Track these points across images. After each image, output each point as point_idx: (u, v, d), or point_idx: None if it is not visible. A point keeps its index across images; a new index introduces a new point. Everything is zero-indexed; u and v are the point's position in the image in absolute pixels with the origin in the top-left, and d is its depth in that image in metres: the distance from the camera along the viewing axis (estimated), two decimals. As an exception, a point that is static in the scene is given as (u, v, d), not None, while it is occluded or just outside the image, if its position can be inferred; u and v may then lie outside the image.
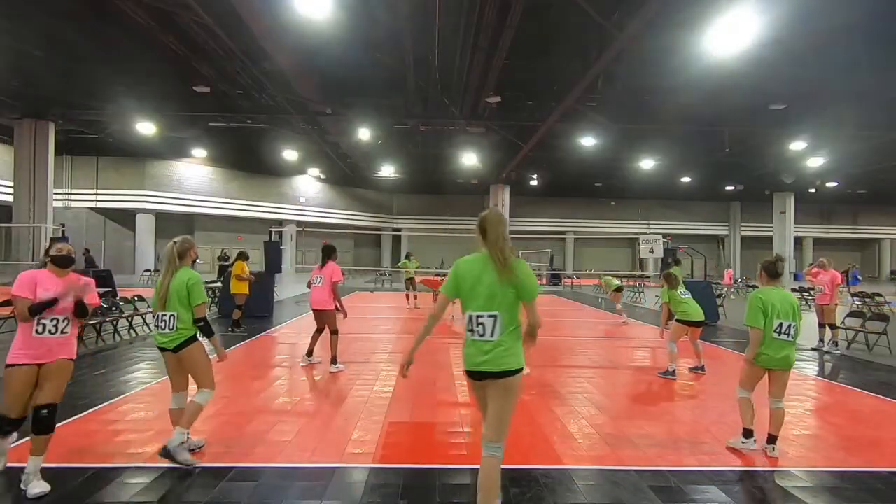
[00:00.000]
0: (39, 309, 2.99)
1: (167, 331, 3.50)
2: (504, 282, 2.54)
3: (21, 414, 3.06)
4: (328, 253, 6.45)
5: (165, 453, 3.34)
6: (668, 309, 6.49)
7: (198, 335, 3.59)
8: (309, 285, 6.55)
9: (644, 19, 9.54)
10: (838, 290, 8.53)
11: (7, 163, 21.48)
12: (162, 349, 3.56)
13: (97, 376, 5.80)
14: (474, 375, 2.62)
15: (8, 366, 3.00)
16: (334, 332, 6.38)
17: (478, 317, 2.57)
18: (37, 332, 3.02)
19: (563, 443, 3.95)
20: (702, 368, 6.44)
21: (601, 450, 3.84)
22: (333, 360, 6.31)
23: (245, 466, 3.44)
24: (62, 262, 3.19)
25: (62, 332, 3.10)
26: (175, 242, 3.64)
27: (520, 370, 2.59)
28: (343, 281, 6.44)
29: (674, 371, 6.16)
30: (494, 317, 2.55)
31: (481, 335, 2.56)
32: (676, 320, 6.32)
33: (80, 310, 3.16)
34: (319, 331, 6.52)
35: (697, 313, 6.22)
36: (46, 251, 3.25)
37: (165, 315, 3.50)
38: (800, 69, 12.83)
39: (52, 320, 3.05)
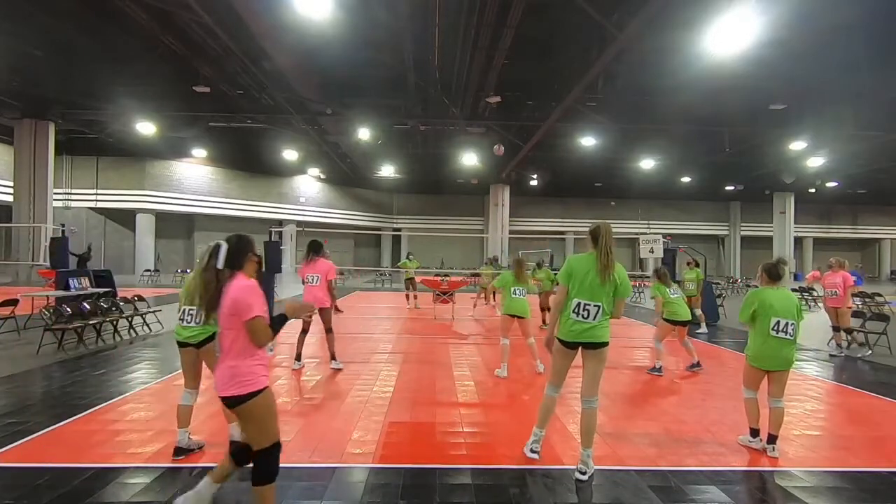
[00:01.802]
0: (281, 327, 2.61)
1: (192, 324, 3.54)
2: (607, 280, 3.27)
3: None
4: (317, 248, 6.27)
5: (178, 452, 3.56)
6: (661, 301, 6.63)
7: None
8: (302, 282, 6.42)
9: (644, 19, 9.54)
10: (849, 292, 8.02)
11: (7, 163, 21.48)
12: (183, 344, 3.59)
13: (97, 376, 5.79)
14: (569, 345, 3.40)
15: (262, 390, 2.53)
16: (329, 331, 6.34)
17: (584, 304, 3.31)
18: (269, 350, 2.67)
19: (563, 443, 3.95)
20: (698, 364, 6.56)
21: (601, 450, 3.83)
22: (333, 358, 6.34)
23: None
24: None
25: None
26: (210, 246, 3.68)
27: (608, 343, 3.36)
28: (336, 278, 6.38)
29: (660, 368, 6.36)
30: (598, 306, 3.30)
31: (585, 318, 3.31)
32: (664, 319, 6.49)
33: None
34: (305, 332, 6.41)
35: (685, 313, 6.43)
36: (238, 254, 2.61)
37: (193, 309, 3.55)
38: (800, 69, 12.84)
39: None
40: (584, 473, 3.30)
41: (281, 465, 3.44)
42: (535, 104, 17.21)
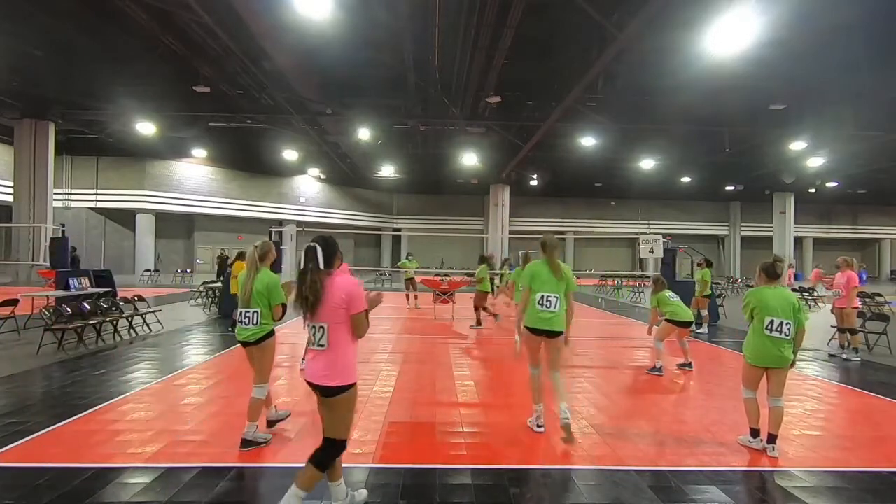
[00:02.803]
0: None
1: (251, 326, 3.72)
2: (559, 278, 4.09)
3: None
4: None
5: (246, 444, 3.68)
6: (656, 313, 6.68)
7: (275, 331, 3.84)
8: None
9: (644, 19, 9.54)
10: (853, 293, 7.70)
11: (7, 163, 21.48)
12: (245, 343, 3.78)
13: (97, 376, 5.79)
14: (536, 332, 4.07)
15: (355, 383, 2.69)
16: None
17: (547, 296, 4.04)
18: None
19: (564, 443, 3.95)
20: (689, 365, 6.62)
21: (601, 450, 3.84)
22: None
23: (245, 466, 3.45)
24: None
25: None
26: (256, 247, 3.89)
27: (562, 332, 4.06)
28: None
29: (660, 368, 6.38)
30: (556, 297, 4.05)
31: (548, 307, 4.02)
32: (666, 320, 6.50)
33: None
34: None
35: (686, 314, 6.43)
36: (340, 254, 2.78)
37: (249, 311, 3.73)
38: (800, 69, 12.84)
39: None
40: (566, 418, 3.86)
41: (282, 464, 3.48)
42: (535, 104, 17.21)
